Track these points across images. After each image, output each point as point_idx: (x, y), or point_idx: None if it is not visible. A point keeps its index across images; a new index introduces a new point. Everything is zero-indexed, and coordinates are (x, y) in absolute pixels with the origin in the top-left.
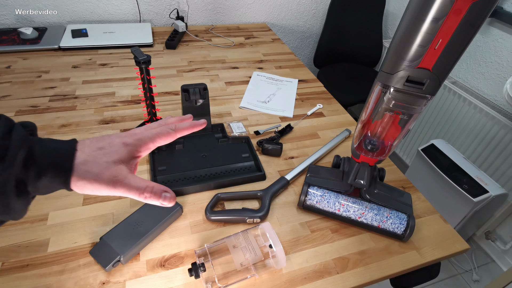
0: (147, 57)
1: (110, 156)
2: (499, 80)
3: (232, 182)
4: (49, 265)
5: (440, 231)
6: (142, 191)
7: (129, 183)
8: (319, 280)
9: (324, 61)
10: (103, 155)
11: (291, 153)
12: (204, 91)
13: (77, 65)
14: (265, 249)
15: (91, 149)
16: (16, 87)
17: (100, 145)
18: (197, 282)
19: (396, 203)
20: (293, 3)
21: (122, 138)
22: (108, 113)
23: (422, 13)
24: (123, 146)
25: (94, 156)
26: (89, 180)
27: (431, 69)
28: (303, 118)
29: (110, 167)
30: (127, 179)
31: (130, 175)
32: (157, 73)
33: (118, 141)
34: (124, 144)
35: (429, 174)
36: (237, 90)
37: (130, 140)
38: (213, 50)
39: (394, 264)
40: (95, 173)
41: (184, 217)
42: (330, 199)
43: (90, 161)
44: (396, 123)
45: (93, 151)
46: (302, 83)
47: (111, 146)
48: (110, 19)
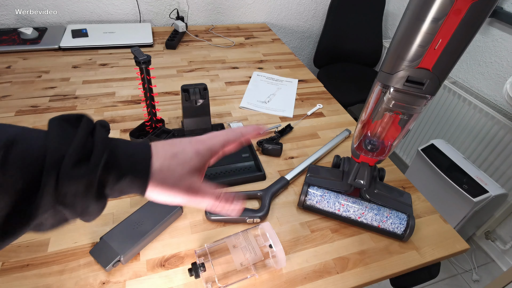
0: (147, 57)
1: (184, 165)
2: (499, 80)
3: (232, 182)
4: (49, 265)
5: (440, 231)
6: (217, 197)
7: (205, 191)
8: (319, 280)
9: (324, 61)
10: (177, 164)
11: (291, 153)
12: (204, 91)
13: (77, 65)
14: (265, 249)
15: (165, 155)
16: (16, 87)
17: (174, 150)
18: (197, 282)
19: (396, 203)
20: (293, 3)
21: (194, 145)
22: (108, 113)
23: (422, 13)
24: (196, 155)
25: (169, 164)
26: (165, 188)
27: (431, 69)
28: (303, 118)
29: (185, 177)
30: (202, 187)
31: (203, 183)
32: (157, 73)
33: (190, 148)
34: (196, 153)
35: (429, 174)
36: (237, 90)
37: (202, 149)
38: (213, 50)
39: (394, 264)
40: (171, 182)
41: (184, 217)
42: (330, 199)
43: (165, 169)
44: (396, 123)
45: (167, 158)
46: (302, 83)
47: (185, 153)
48: (110, 19)
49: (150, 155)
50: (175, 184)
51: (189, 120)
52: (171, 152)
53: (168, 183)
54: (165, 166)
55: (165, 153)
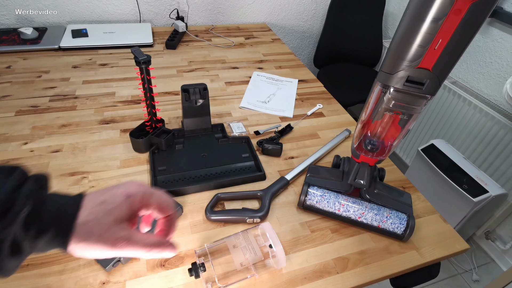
0: (147, 57)
1: (112, 214)
2: (499, 80)
3: (232, 182)
4: (49, 265)
5: (440, 231)
6: (150, 247)
7: (135, 242)
8: (319, 280)
9: (324, 61)
10: (104, 213)
11: (291, 153)
12: (204, 91)
13: (77, 65)
14: (265, 249)
15: (93, 203)
16: (16, 87)
17: (102, 198)
18: (197, 282)
19: (396, 203)
20: (293, 3)
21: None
22: (108, 113)
23: (422, 13)
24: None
25: (95, 215)
26: (90, 243)
27: (431, 69)
28: (303, 118)
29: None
30: (131, 238)
31: (133, 232)
32: (157, 73)
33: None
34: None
35: (429, 174)
36: (237, 90)
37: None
38: (213, 50)
39: (394, 264)
40: (97, 235)
41: (184, 217)
42: (330, 199)
43: (91, 220)
44: (396, 123)
45: (95, 206)
46: (302, 83)
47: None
48: (110, 19)
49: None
50: (101, 236)
51: (189, 120)
52: (99, 199)
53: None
54: (92, 216)
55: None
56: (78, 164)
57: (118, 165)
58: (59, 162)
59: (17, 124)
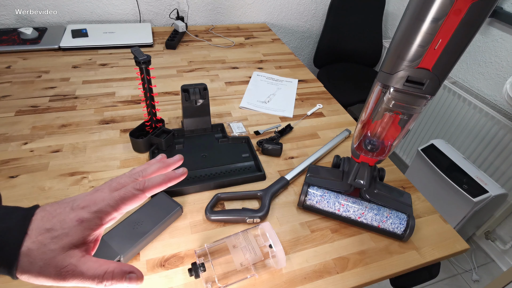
0: (147, 57)
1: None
2: (499, 80)
3: (232, 182)
4: None
5: (440, 231)
6: (101, 279)
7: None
8: (319, 280)
9: (324, 61)
10: (50, 240)
11: (291, 153)
12: (204, 91)
13: (77, 65)
14: (265, 249)
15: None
16: (16, 87)
17: (49, 225)
18: (197, 282)
19: (396, 203)
20: (293, 3)
21: (78, 212)
22: (108, 113)
23: (422, 13)
24: (78, 224)
25: (40, 242)
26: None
27: (431, 69)
28: (303, 118)
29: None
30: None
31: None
32: (157, 73)
33: (71, 217)
34: (79, 221)
35: (429, 174)
36: (237, 90)
37: (86, 215)
38: (213, 50)
39: (394, 264)
40: (39, 266)
41: (184, 217)
42: (330, 199)
43: (34, 250)
44: (396, 123)
45: (40, 234)
46: (302, 83)
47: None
48: (110, 19)
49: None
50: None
51: (189, 120)
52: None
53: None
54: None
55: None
56: (78, 164)
57: (118, 165)
58: (59, 162)
59: (17, 124)
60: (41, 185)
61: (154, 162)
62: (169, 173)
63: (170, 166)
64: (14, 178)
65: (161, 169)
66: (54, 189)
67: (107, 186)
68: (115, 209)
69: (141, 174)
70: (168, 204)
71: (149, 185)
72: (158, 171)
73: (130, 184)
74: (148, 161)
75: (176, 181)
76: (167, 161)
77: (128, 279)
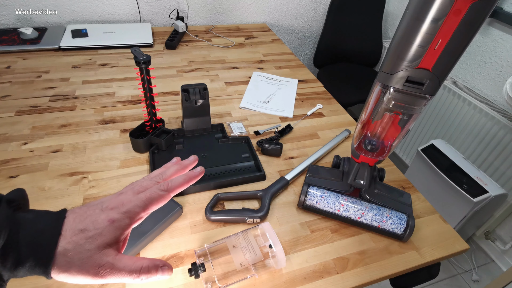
0: (147, 57)
1: (93, 241)
2: (499, 80)
3: (232, 182)
4: None
5: (439, 231)
6: (138, 273)
7: (120, 269)
8: (319, 280)
9: (324, 61)
10: (85, 240)
11: (291, 153)
12: (204, 91)
13: (77, 65)
14: (265, 249)
15: (73, 232)
16: (16, 87)
17: (82, 226)
18: (197, 282)
19: (396, 203)
20: (293, 3)
21: (108, 213)
22: (108, 113)
23: (422, 13)
24: (109, 224)
25: (76, 243)
26: (71, 273)
27: (430, 69)
28: (303, 118)
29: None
30: (116, 265)
31: (118, 258)
32: (157, 73)
33: (103, 218)
34: (110, 222)
35: (429, 174)
36: (237, 90)
37: (117, 216)
38: (213, 50)
39: (394, 264)
40: (77, 265)
41: (184, 217)
42: (330, 199)
43: (71, 250)
44: (396, 123)
45: (75, 235)
46: (302, 83)
47: (95, 226)
48: (110, 19)
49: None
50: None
51: (189, 120)
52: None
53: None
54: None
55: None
56: (78, 164)
57: (118, 165)
58: (59, 162)
59: (17, 124)
60: (41, 185)
61: (171, 165)
62: (189, 173)
63: (187, 167)
64: (14, 178)
65: (179, 171)
66: (54, 189)
67: (129, 189)
68: (144, 209)
69: (161, 177)
70: (168, 204)
71: (173, 185)
72: (176, 173)
73: (154, 186)
74: (164, 165)
75: (195, 179)
76: (183, 162)
77: (161, 271)
